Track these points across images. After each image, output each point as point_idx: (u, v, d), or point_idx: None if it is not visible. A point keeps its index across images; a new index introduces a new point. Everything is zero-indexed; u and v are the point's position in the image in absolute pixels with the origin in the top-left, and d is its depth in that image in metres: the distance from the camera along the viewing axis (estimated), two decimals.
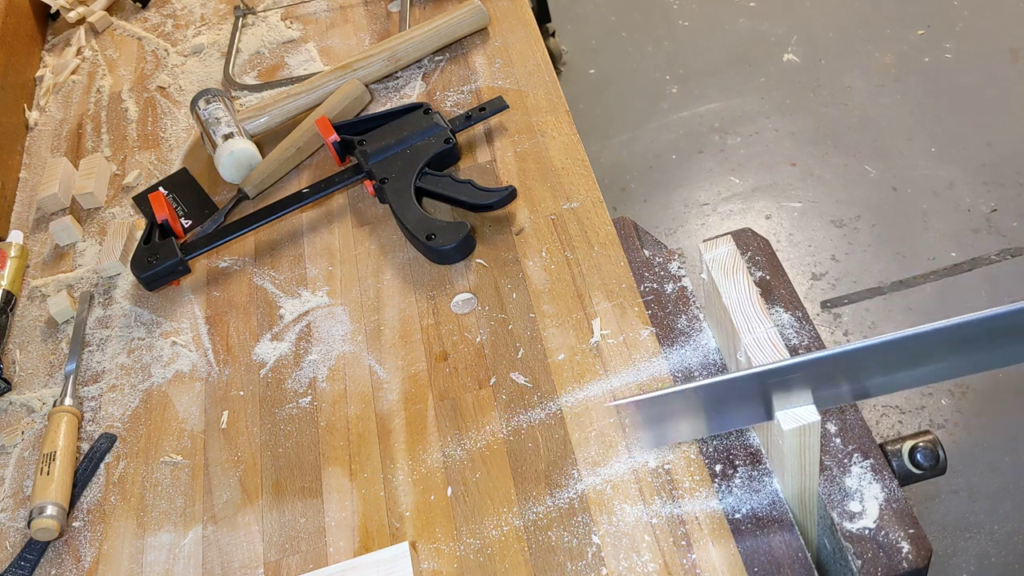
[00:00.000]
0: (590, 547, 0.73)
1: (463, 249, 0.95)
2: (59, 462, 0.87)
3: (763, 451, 0.76)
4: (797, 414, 0.64)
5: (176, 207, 1.12)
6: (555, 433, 0.81)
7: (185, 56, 1.35)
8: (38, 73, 1.39)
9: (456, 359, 0.88)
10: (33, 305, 1.07)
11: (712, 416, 0.69)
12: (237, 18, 1.37)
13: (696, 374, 0.82)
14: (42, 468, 0.87)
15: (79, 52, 1.41)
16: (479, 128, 1.09)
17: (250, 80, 1.28)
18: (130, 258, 1.03)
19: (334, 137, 1.07)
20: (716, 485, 0.75)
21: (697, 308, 0.87)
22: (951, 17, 2.39)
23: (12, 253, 1.09)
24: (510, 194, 0.97)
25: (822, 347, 0.81)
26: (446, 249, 0.94)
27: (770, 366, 0.62)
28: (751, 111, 2.31)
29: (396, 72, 1.20)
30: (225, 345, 0.97)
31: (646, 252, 0.93)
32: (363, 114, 1.16)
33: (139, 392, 0.95)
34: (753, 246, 0.89)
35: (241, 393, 0.92)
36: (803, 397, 0.64)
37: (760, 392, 0.64)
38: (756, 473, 0.74)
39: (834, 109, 2.26)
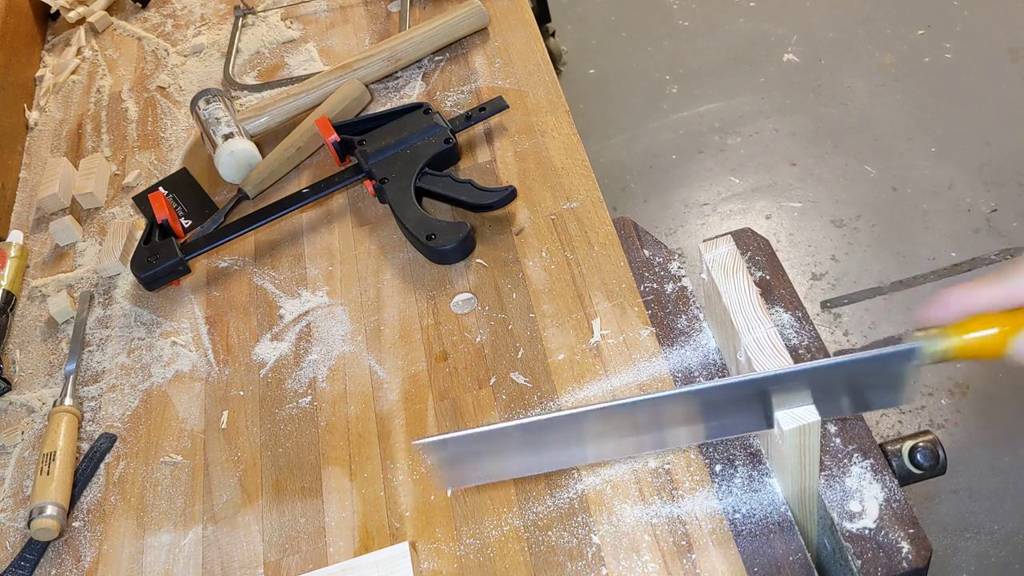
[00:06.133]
0: (590, 547, 0.73)
1: (463, 249, 0.95)
2: (59, 462, 0.87)
3: (763, 451, 0.76)
4: (797, 414, 0.64)
5: (176, 207, 1.12)
6: None
7: (185, 56, 1.35)
8: (38, 73, 1.39)
9: (456, 359, 0.88)
10: (33, 305, 1.07)
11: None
12: (237, 18, 1.37)
13: (696, 374, 0.82)
14: (42, 468, 0.87)
15: (79, 52, 1.41)
16: (479, 128, 1.09)
17: (250, 80, 1.28)
18: (130, 258, 1.03)
19: (334, 137, 1.07)
20: (716, 485, 0.75)
21: (697, 308, 0.87)
22: (951, 17, 2.39)
23: (12, 253, 1.09)
24: (510, 194, 0.97)
25: (822, 347, 0.81)
26: (446, 249, 0.94)
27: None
28: (751, 111, 2.31)
29: (396, 72, 1.20)
30: (225, 345, 0.97)
31: (646, 252, 0.93)
32: (363, 114, 1.16)
33: (139, 392, 0.95)
34: (753, 246, 0.89)
35: (241, 393, 0.92)
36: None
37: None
38: (756, 473, 0.74)
39: (834, 109, 2.26)
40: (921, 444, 0.74)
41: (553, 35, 2.50)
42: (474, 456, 0.67)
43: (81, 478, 0.89)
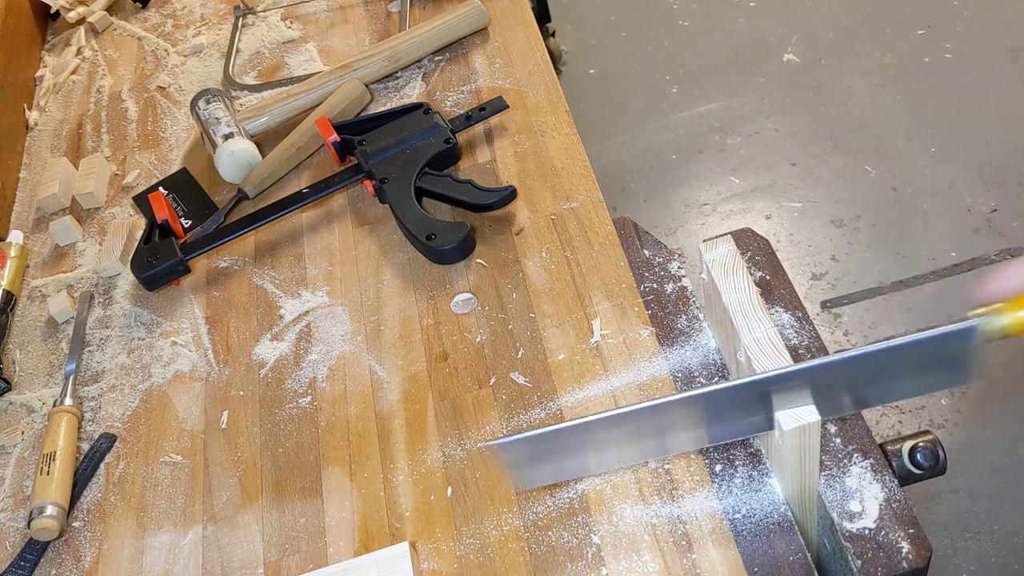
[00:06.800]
0: (590, 547, 0.73)
1: (463, 249, 0.95)
2: (59, 462, 0.87)
3: (763, 451, 0.76)
4: (797, 414, 0.64)
5: (176, 207, 1.12)
6: None
7: (185, 56, 1.35)
8: (38, 73, 1.39)
9: (456, 359, 0.88)
10: (33, 305, 1.07)
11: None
12: (237, 18, 1.37)
13: (696, 374, 0.82)
14: (42, 468, 0.87)
15: (79, 52, 1.41)
16: (479, 128, 1.09)
17: (250, 80, 1.28)
18: (130, 258, 1.03)
19: (334, 137, 1.07)
20: (716, 485, 0.75)
21: (697, 308, 0.87)
22: (951, 17, 2.39)
23: (12, 253, 1.09)
24: (510, 194, 0.97)
25: (822, 347, 0.81)
26: (446, 249, 0.94)
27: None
28: (751, 111, 2.31)
29: (396, 72, 1.20)
30: (225, 345, 0.97)
31: (646, 252, 0.93)
32: (363, 114, 1.16)
33: (139, 392, 0.95)
34: (753, 246, 0.89)
35: (241, 393, 0.92)
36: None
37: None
38: (756, 473, 0.74)
39: (834, 109, 2.26)
40: (921, 444, 0.74)
41: (553, 35, 2.50)
42: (543, 455, 0.68)
43: (81, 478, 0.89)
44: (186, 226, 1.09)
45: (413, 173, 1.01)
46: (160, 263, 1.00)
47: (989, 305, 0.58)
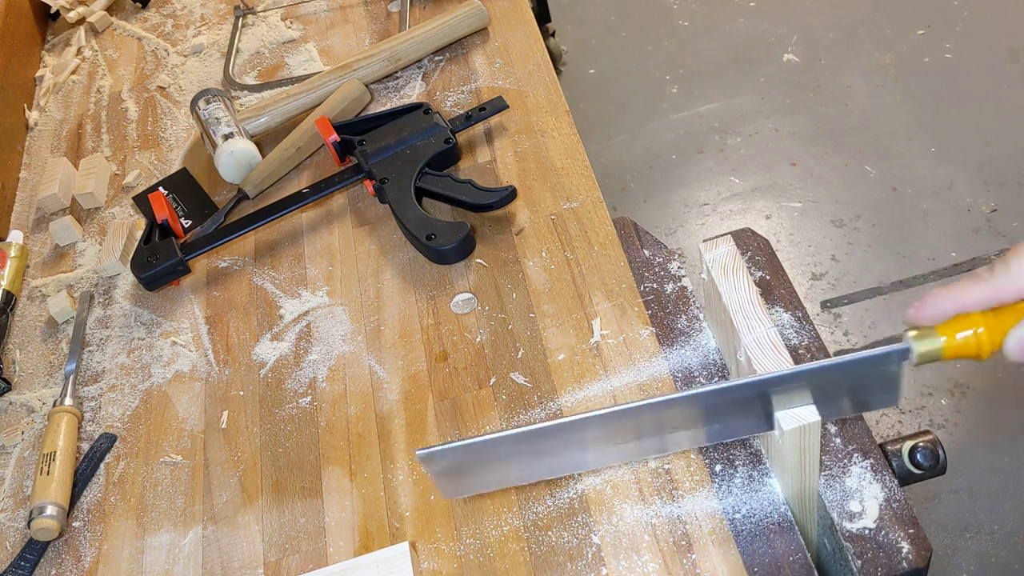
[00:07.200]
0: (590, 547, 0.73)
1: (463, 249, 0.95)
2: (59, 462, 0.87)
3: (763, 451, 0.76)
4: (797, 414, 0.64)
5: (176, 207, 1.12)
6: None
7: (185, 56, 1.35)
8: (38, 73, 1.39)
9: (456, 359, 0.88)
10: (33, 305, 1.07)
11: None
12: (237, 18, 1.37)
13: (696, 374, 0.82)
14: (42, 468, 0.87)
15: (79, 52, 1.41)
16: (479, 128, 1.09)
17: (250, 80, 1.28)
18: (130, 258, 1.03)
19: (334, 137, 1.07)
20: (716, 485, 0.75)
21: (697, 308, 0.87)
22: (951, 17, 2.39)
23: (12, 253, 1.09)
24: (510, 194, 0.97)
25: (822, 347, 0.81)
26: (446, 249, 0.94)
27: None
28: (751, 111, 2.31)
29: (396, 72, 1.20)
30: (225, 345, 0.97)
31: (646, 252, 0.93)
32: (363, 114, 1.16)
33: (139, 392, 0.95)
34: (753, 246, 0.89)
35: (241, 393, 0.92)
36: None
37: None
38: (756, 473, 0.74)
39: (834, 109, 2.26)
40: (921, 444, 0.74)
41: (553, 35, 2.50)
42: (475, 465, 0.66)
43: (81, 478, 0.89)
44: (186, 226, 1.09)
45: (413, 173, 1.01)
46: (160, 263, 1.00)
47: (921, 327, 0.58)
